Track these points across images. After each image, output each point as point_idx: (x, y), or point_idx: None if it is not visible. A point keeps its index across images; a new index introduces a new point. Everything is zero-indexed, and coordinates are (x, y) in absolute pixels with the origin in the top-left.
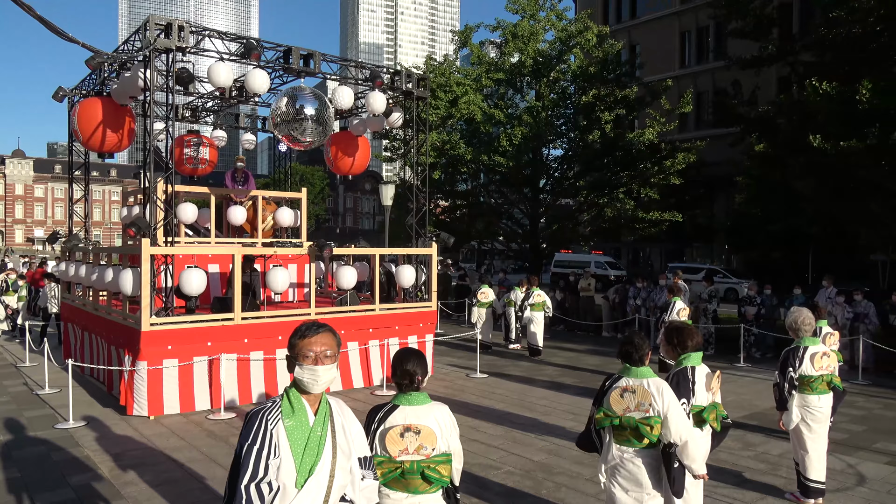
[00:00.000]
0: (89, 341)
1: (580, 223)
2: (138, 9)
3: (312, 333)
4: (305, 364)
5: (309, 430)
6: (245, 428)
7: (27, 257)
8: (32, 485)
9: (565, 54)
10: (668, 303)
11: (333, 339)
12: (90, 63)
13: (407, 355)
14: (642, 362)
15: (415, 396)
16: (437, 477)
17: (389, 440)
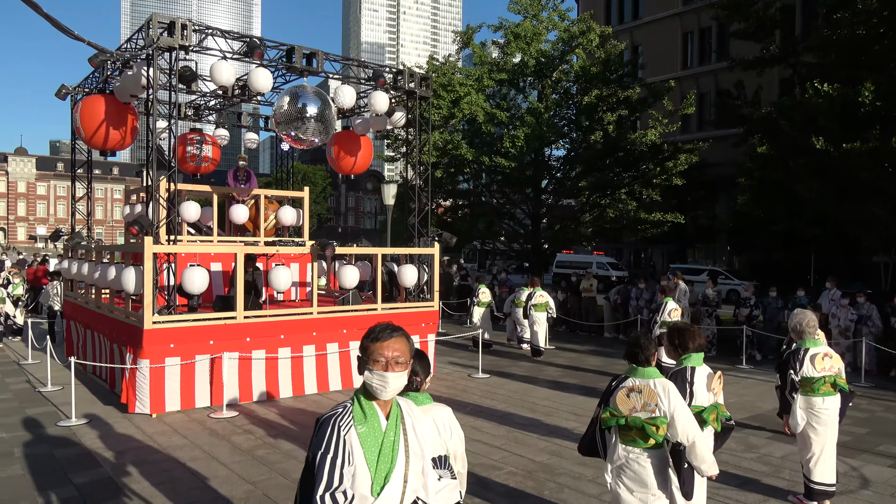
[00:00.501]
0: (92, 339)
1: (582, 224)
2: (140, 7)
3: (386, 337)
4: (375, 369)
5: (382, 435)
6: (316, 435)
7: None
8: (35, 482)
9: (568, 55)
10: (661, 303)
11: (406, 345)
12: (93, 61)
13: (417, 356)
14: (648, 363)
15: (414, 397)
16: None
17: None
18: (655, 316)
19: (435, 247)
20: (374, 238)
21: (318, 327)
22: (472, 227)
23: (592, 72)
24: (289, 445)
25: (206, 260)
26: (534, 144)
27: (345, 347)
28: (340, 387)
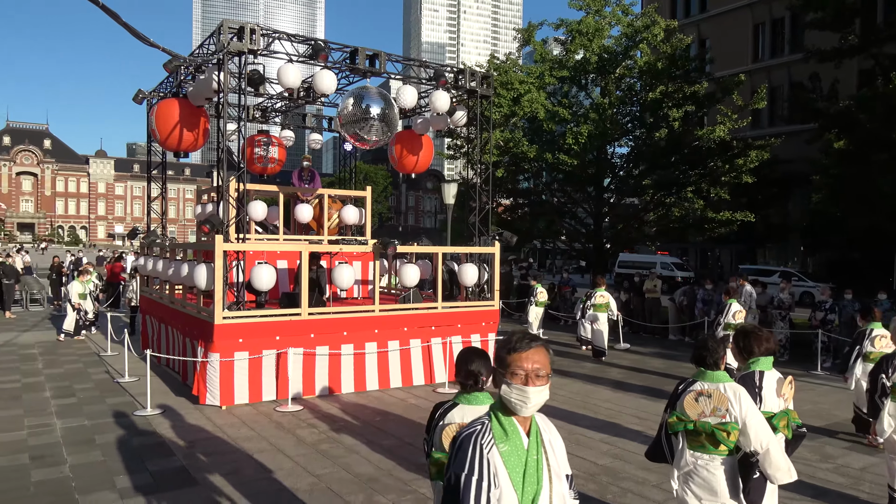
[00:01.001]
0: (166, 333)
1: (646, 223)
2: (211, 13)
3: (524, 348)
4: (514, 383)
5: (525, 454)
6: (457, 454)
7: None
8: (114, 468)
9: (631, 50)
10: (724, 304)
11: (547, 357)
12: (168, 66)
13: (472, 355)
14: (717, 366)
15: (476, 396)
16: None
17: (446, 437)
18: (719, 317)
19: (495, 246)
20: (434, 237)
21: (380, 325)
22: (532, 226)
23: (658, 67)
24: (351, 440)
25: (272, 258)
26: (596, 142)
27: (405, 345)
28: (401, 384)
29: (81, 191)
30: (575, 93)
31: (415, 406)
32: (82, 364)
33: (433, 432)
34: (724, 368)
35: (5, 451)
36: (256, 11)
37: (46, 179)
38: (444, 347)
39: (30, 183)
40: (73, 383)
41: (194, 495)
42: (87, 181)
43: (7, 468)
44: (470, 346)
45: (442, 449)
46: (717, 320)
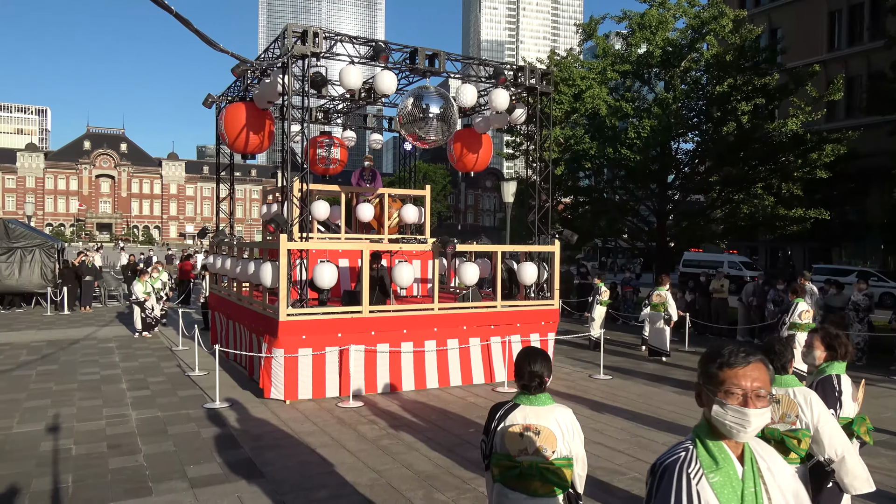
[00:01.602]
0: (233, 329)
1: (712, 220)
2: (276, 18)
3: (741, 363)
4: (730, 403)
5: (740, 485)
6: (659, 486)
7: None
8: (184, 458)
9: (698, 42)
10: (791, 304)
11: (767, 374)
12: (235, 71)
13: (533, 355)
14: (785, 370)
15: (537, 397)
16: (556, 480)
17: (509, 439)
18: (784, 317)
19: (555, 244)
20: (493, 235)
21: (439, 323)
22: (593, 224)
23: (725, 59)
24: (410, 438)
25: (334, 256)
26: (660, 137)
27: (464, 344)
28: (461, 382)
29: (155, 192)
30: (638, 87)
31: (473, 405)
32: (156, 358)
33: (493, 434)
34: (791, 372)
35: (86, 439)
36: (319, 15)
37: (123, 181)
38: (504, 346)
39: (108, 185)
40: (147, 376)
41: (260, 487)
42: (160, 183)
43: (87, 456)
44: (529, 345)
45: (504, 450)
46: (782, 320)
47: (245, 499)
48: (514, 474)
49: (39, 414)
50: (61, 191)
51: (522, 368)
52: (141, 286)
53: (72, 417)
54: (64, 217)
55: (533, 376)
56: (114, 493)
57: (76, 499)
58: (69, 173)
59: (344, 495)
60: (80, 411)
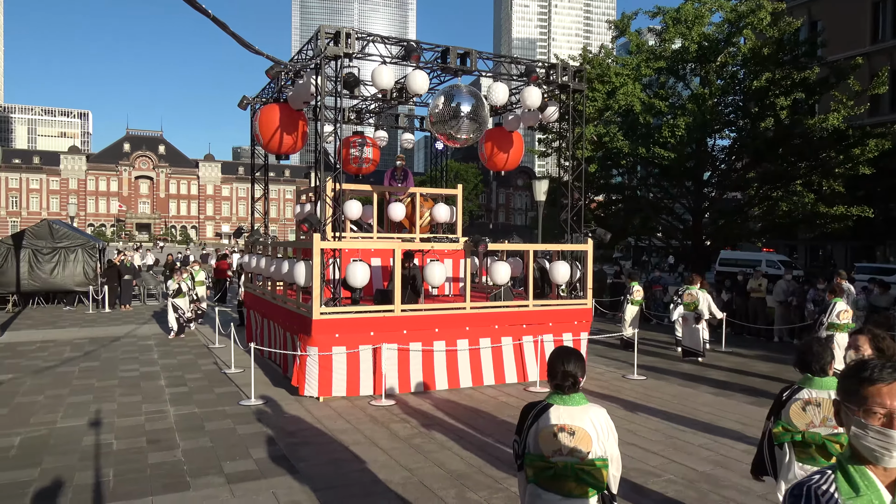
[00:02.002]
0: (268, 327)
1: (750, 218)
2: (309, 20)
3: (887, 379)
4: (872, 424)
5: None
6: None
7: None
8: (221, 454)
9: (734, 36)
10: (829, 304)
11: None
12: (269, 72)
13: (567, 355)
14: (825, 372)
15: (571, 397)
16: (591, 481)
17: (543, 439)
18: (822, 317)
19: (588, 243)
20: (525, 234)
21: (471, 322)
22: (626, 222)
23: (763, 53)
24: (442, 436)
25: (366, 255)
26: (695, 134)
27: (497, 343)
28: (494, 381)
29: (192, 192)
30: (672, 84)
31: (505, 404)
32: (193, 355)
33: (526, 434)
34: (832, 374)
35: (126, 434)
36: (351, 16)
37: (161, 182)
38: (536, 346)
39: (146, 186)
40: (185, 373)
41: (295, 483)
42: (196, 183)
43: (127, 450)
44: (562, 345)
45: (538, 451)
46: (819, 320)
47: (280, 495)
48: (549, 475)
49: (82, 409)
50: (102, 192)
51: (556, 368)
52: (174, 285)
53: (113, 413)
54: (105, 217)
55: (566, 376)
56: (153, 487)
57: (117, 492)
58: (110, 175)
59: (377, 493)
60: (121, 407)
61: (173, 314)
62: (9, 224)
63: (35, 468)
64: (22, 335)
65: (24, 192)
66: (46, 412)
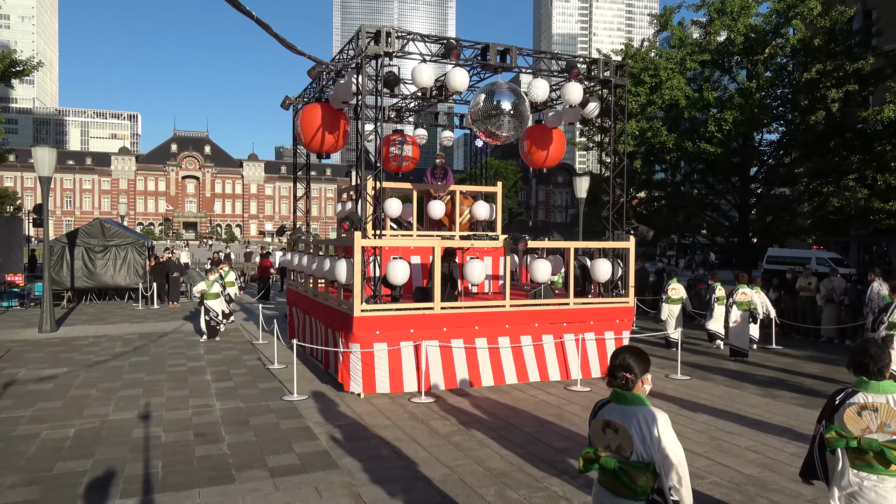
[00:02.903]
0: (309, 324)
1: (799, 215)
2: (349, 20)
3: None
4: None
5: None
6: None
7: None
8: (265, 448)
9: (783, 27)
10: (890, 303)
11: None
12: (311, 72)
13: (625, 353)
14: (882, 375)
15: (625, 395)
16: (626, 482)
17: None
18: (881, 316)
19: (630, 240)
20: (565, 232)
21: (511, 320)
22: (669, 219)
23: (814, 44)
24: (482, 434)
25: (406, 253)
26: (742, 129)
27: (538, 341)
28: (538, 378)
29: (236, 192)
30: (718, 77)
31: (545, 402)
32: (237, 351)
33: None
34: (889, 376)
35: (174, 427)
36: (391, 15)
37: (207, 182)
38: (578, 344)
39: (193, 186)
40: (230, 368)
41: (336, 478)
42: (241, 183)
43: (175, 443)
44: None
45: (593, 444)
46: (879, 318)
47: (321, 489)
48: (598, 469)
49: (132, 402)
50: (150, 192)
51: (613, 365)
52: (204, 286)
53: (161, 406)
54: (153, 216)
55: (618, 373)
56: (199, 479)
57: (165, 483)
58: (158, 175)
59: (417, 489)
60: (169, 401)
61: (204, 317)
62: (63, 223)
63: (88, 459)
64: (76, 330)
65: (77, 192)
66: (99, 405)
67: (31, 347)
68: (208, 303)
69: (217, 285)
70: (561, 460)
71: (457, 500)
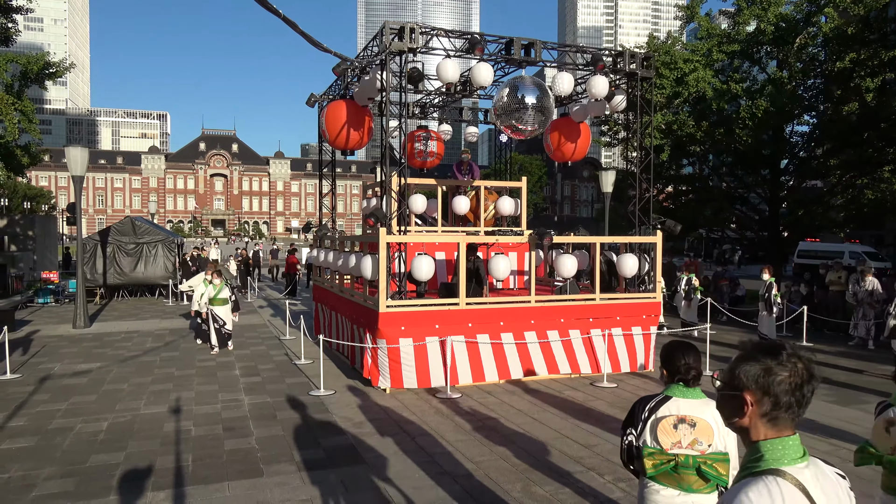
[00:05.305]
0: (335, 320)
1: (832, 208)
2: (374, 17)
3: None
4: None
5: None
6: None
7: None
8: (292, 442)
9: (814, 16)
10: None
11: None
12: (336, 70)
13: (687, 348)
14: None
15: (692, 390)
16: (714, 474)
17: (662, 431)
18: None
19: (657, 235)
20: (591, 227)
21: (536, 315)
22: (697, 213)
23: (847, 33)
24: (507, 430)
25: (431, 249)
26: (773, 120)
27: (565, 336)
28: (569, 370)
29: (263, 189)
30: (747, 68)
31: (571, 399)
32: (265, 347)
33: (643, 426)
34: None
35: (204, 421)
36: (415, 11)
37: (234, 180)
38: (605, 339)
39: (221, 183)
40: (258, 364)
41: (362, 472)
42: (267, 180)
43: (205, 437)
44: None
45: (657, 442)
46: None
47: (348, 483)
48: (668, 469)
49: (163, 397)
50: (180, 190)
51: (676, 361)
52: (206, 289)
53: (191, 401)
54: (182, 214)
55: (689, 368)
56: (229, 472)
57: (195, 476)
58: (186, 173)
59: (443, 484)
60: (199, 395)
61: (213, 325)
62: (96, 221)
63: (121, 452)
64: (109, 326)
65: (108, 190)
66: (131, 399)
67: (66, 343)
68: (216, 310)
69: (226, 290)
70: (587, 456)
71: (482, 496)
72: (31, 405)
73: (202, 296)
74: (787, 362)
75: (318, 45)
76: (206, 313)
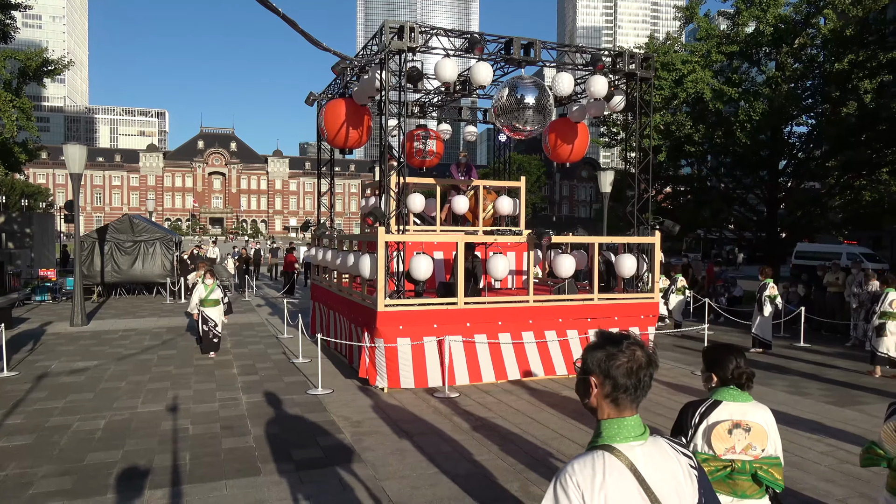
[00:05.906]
0: (333, 318)
1: (830, 209)
2: (373, 16)
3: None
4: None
5: None
6: None
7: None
8: (289, 441)
9: (813, 17)
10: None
11: None
12: (335, 68)
13: (737, 350)
14: None
15: (742, 393)
16: (770, 479)
17: (716, 436)
18: (873, 306)
19: (655, 235)
20: (589, 227)
21: (534, 315)
22: (695, 214)
23: (845, 34)
24: (505, 429)
25: (429, 248)
26: (771, 120)
27: (562, 336)
28: (566, 371)
29: (261, 188)
30: (746, 69)
31: (569, 398)
32: (263, 345)
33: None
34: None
35: (201, 420)
36: (414, 10)
37: (232, 178)
38: None
39: (219, 182)
40: (256, 362)
41: (360, 472)
42: (266, 179)
43: (202, 435)
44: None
45: (710, 448)
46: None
47: (345, 483)
48: (724, 475)
49: (160, 395)
50: (178, 188)
51: (727, 364)
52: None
53: (189, 399)
54: (180, 212)
55: (742, 372)
56: (226, 471)
57: (193, 475)
58: (185, 171)
59: (441, 483)
60: (196, 394)
61: (202, 326)
62: (93, 219)
63: (118, 450)
64: (106, 324)
65: (107, 188)
66: (128, 397)
67: (64, 340)
68: (206, 311)
69: (218, 290)
70: None
71: (480, 495)
72: (29, 403)
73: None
74: (627, 350)
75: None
76: (198, 314)
